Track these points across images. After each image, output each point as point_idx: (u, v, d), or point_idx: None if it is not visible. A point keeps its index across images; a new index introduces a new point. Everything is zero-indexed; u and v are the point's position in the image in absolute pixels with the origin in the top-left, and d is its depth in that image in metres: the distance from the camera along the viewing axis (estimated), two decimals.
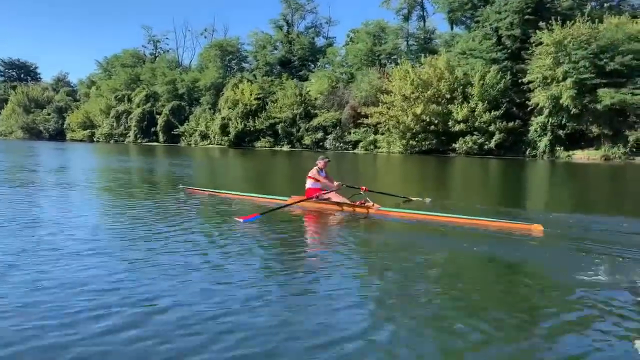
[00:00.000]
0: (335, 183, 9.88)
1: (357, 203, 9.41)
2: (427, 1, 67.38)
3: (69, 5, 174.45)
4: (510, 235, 7.31)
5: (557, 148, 45.76)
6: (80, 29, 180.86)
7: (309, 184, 9.92)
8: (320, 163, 10.00)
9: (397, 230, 7.95)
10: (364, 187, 10.01)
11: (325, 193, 9.66)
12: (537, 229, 7.48)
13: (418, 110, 50.22)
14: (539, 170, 30.85)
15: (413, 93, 51.54)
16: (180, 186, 12.69)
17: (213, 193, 11.45)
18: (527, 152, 47.62)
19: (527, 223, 7.83)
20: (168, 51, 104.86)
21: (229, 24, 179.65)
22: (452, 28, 64.16)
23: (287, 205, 9.34)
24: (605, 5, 55.13)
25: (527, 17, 50.89)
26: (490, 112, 48.02)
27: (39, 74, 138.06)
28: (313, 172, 9.89)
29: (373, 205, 9.20)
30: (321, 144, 63.09)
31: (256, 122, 68.29)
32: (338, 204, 9.53)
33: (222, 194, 11.25)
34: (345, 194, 9.91)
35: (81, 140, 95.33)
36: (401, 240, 7.06)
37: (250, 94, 69.51)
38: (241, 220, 7.91)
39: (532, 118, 47.77)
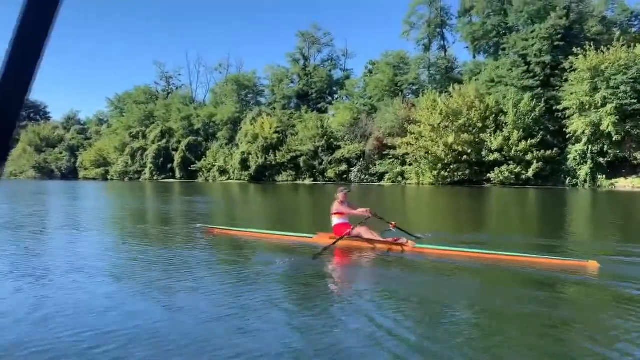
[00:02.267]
0: (361, 209, 8.92)
1: (391, 240, 8.50)
2: (447, 31, 67.01)
3: (76, 42, 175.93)
4: (562, 274, 6.44)
5: (599, 176, 44.09)
6: (89, 66, 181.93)
7: (335, 221, 8.97)
8: (340, 196, 9.12)
9: (434, 271, 6.92)
10: (393, 223, 9.06)
11: (354, 228, 8.65)
12: (593, 266, 6.60)
13: (450, 140, 48.87)
14: (583, 200, 28.96)
15: (442, 122, 50.30)
16: (198, 225, 11.64)
17: (232, 232, 10.41)
18: (567, 181, 45.91)
19: (580, 260, 6.93)
20: (181, 87, 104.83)
21: (243, 58, 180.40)
22: (474, 57, 63.63)
23: (334, 244, 8.36)
24: (633, 30, 54.39)
25: (556, 43, 50.08)
26: (527, 141, 46.52)
27: (48, 112, 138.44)
28: (336, 206, 9.01)
29: (408, 242, 8.32)
30: (345, 176, 61.63)
31: (277, 155, 67.06)
32: (370, 241, 8.60)
33: (241, 233, 10.25)
34: (376, 229, 8.96)
35: (94, 179, 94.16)
36: (439, 283, 6.13)
37: (270, 128, 68.49)
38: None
39: (570, 146, 46.29)
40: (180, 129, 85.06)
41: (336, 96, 78.46)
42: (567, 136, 46.17)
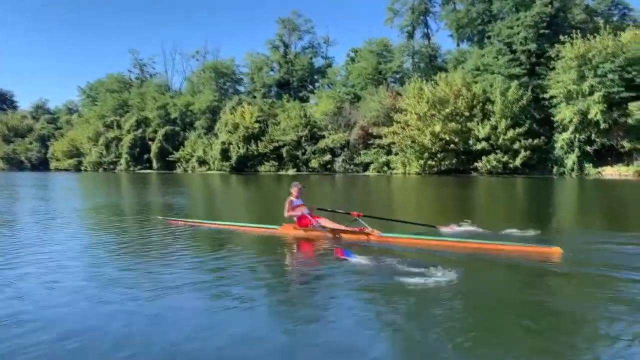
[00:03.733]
0: (305, 209, 8.85)
1: (357, 230, 8.43)
2: (430, 19, 66.25)
3: (44, 30, 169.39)
4: (526, 260, 6.61)
5: (586, 165, 44.07)
6: (58, 54, 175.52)
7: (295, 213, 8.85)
8: (294, 191, 8.95)
9: (399, 259, 6.64)
10: (355, 213, 8.91)
11: (320, 219, 8.66)
12: (556, 252, 6.78)
13: (437, 129, 48.26)
14: (570, 188, 29.00)
15: (429, 111, 49.63)
16: (159, 217, 11.46)
17: (195, 224, 10.28)
18: (555, 170, 45.83)
19: (545, 246, 7.08)
20: (156, 75, 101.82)
21: (221, 46, 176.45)
22: (458, 45, 63.07)
23: (260, 229, 8.93)
24: (614, 19, 54.51)
25: (541, 31, 49.79)
26: (514, 130, 46.19)
27: (15, 101, 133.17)
28: (287, 206, 8.81)
29: (373, 231, 8.27)
30: (329, 166, 60.61)
31: (259, 145, 65.52)
32: (335, 231, 8.56)
33: (204, 224, 10.16)
34: (343, 221, 8.88)
35: (66, 170, 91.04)
36: (405, 271, 5.99)
37: (251, 117, 66.85)
38: (341, 256, 6.75)
39: (557, 134, 46.16)
40: (156, 118, 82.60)
41: (317, 84, 77.16)
42: (555, 125, 45.95)
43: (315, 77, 78.13)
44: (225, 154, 67.76)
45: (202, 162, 73.01)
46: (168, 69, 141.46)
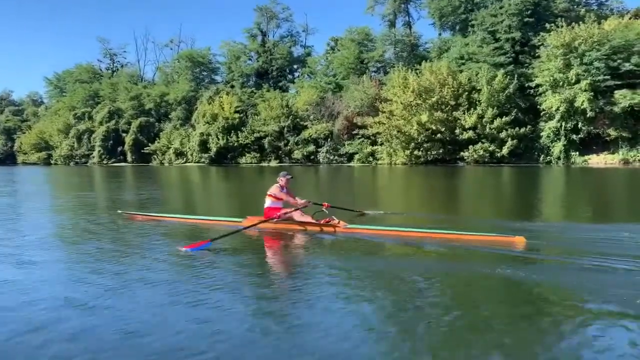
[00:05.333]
0: (300, 201, 8.82)
1: (322, 222, 8.39)
2: (411, 7, 65.53)
3: (4, 16, 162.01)
4: (490, 249, 6.71)
5: (572, 153, 44.22)
6: (20, 42, 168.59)
7: (268, 202, 8.76)
8: (282, 180, 8.91)
9: (366, 250, 6.92)
10: (326, 204, 9.17)
11: (287, 212, 8.56)
12: (519, 241, 6.87)
13: (423, 118, 47.71)
14: (553, 176, 29.02)
15: (414, 100, 49.03)
16: (119, 211, 10.84)
17: (156, 218, 9.92)
18: (541, 159, 45.88)
19: (508, 235, 7.11)
20: (126, 65, 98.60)
21: (195, 34, 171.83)
22: (440, 34, 62.68)
23: (243, 229, 8.03)
24: (596, 7, 54.92)
25: (526, 19, 49.71)
26: (502, 118, 46.00)
27: None
28: (273, 189, 8.78)
29: (339, 222, 8.26)
30: (313, 157, 59.55)
31: (239, 137, 63.91)
32: (301, 223, 8.52)
33: (166, 218, 9.82)
34: (309, 212, 8.86)
35: (35, 164, 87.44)
36: (371, 262, 6.22)
37: (230, 107, 65.12)
38: (187, 249, 6.63)
39: (543, 123, 46.20)
40: (129, 109, 79.96)
41: (297, 74, 75.83)
42: (542, 113, 45.96)
43: (295, 66, 76.76)
44: (204, 146, 65.91)
45: (179, 154, 70.93)
46: (140, 59, 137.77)
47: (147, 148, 74.15)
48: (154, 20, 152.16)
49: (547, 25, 45.39)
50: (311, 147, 59.27)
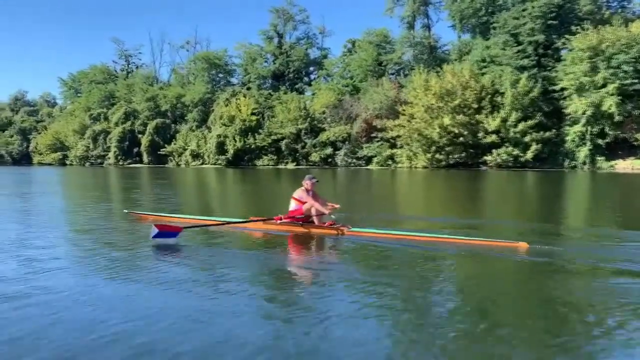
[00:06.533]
0: (326, 205, 8.50)
1: (326, 224, 8.27)
2: (430, 9, 64.92)
3: (20, 18, 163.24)
4: (494, 254, 6.68)
5: (598, 158, 43.42)
6: (34, 43, 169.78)
7: (292, 205, 8.60)
8: (307, 184, 8.63)
9: (370, 254, 6.88)
10: (332, 205, 8.84)
11: (308, 218, 8.42)
12: (522, 246, 6.86)
13: (446, 121, 47.11)
14: (580, 182, 28.38)
15: (436, 103, 48.45)
16: (125, 211, 10.76)
17: (162, 218, 9.78)
18: (566, 163, 45.10)
19: (512, 241, 7.11)
20: (141, 66, 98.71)
21: (211, 36, 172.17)
22: (459, 36, 62.00)
23: (227, 223, 8.20)
24: (620, 10, 53.99)
25: (549, 22, 48.94)
26: (526, 122, 45.31)
27: None
28: (298, 192, 8.59)
29: (344, 225, 8.16)
30: (330, 160, 59.11)
31: (256, 139, 63.61)
32: (305, 225, 8.39)
33: (174, 219, 9.58)
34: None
35: (50, 164, 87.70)
36: (375, 266, 6.20)
37: (247, 109, 64.86)
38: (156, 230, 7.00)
39: (568, 127, 45.42)
40: (145, 110, 79.94)
41: (313, 76, 75.47)
42: (568, 117, 45.18)
43: (311, 68, 76.39)
44: (221, 148, 65.68)
45: (195, 155, 70.74)
46: (156, 60, 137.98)
47: (164, 149, 74.06)
48: (170, 22, 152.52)
49: (573, 28, 44.62)
50: (329, 150, 58.83)
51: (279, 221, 8.35)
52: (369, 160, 56.26)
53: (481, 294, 4.92)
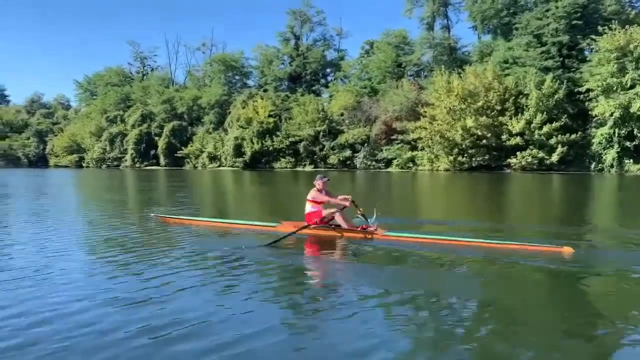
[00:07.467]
0: (340, 196, 8.52)
1: (359, 228, 8.21)
2: (449, 10, 64.29)
3: (35, 21, 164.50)
4: (537, 260, 6.36)
5: (626, 161, 42.47)
6: (49, 45, 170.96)
7: (308, 208, 8.53)
8: (318, 183, 8.62)
9: (404, 259, 6.72)
10: (361, 209, 8.62)
11: (328, 215, 8.28)
12: (567, 251, 6.65)
13: (469, 123, 46.41)
14: (607, 185, 27.62)
15: (459, 104, 47.78)
16: (152, 215, 10.67)
17: (189, 222, 9.72)
18: (592, 166, 44.21)
19: (556, 246, 6.89)
20: (157, 68, 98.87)
21: (227, 38, 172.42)
22: (479, 37, 61.32)
23: (283, 238, 7.62)
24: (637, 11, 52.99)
25: (574, 22, 48.09)
26: (551, 124, 44.51)
27: (7, 95, 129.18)
28: (312, 194, 8.53)
29: (377, 229, 8.04)
30: (349, 162, 58.60)
31: (274, 141, 63.28)
32: (337, 229, 8.28)
33: (200, 222, 9.58)
34: (349, 215, 8.54)
35: (66, 166, 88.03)
36: (408, 272, 6.06)
37: (265, 111, 64.57)
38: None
39: (594, 129, 44.53)
40: (161, 112, 80.00)
41: (330, 78, 75.07)
42: (594, 119, 44.28)
43: (328, 70, 76.00)
44: (238, 150, 65.38)
45: (212, 158, 70.58)
46: (171, 62, 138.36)
47: (180, 152, 74.00)
48: (185, 24, 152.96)
49: (599, 29, 43.75)
50: (347, 152, 58.34)
51: (312, 225, 8.25)
52: (388, 162, 55.69)
53: (520, 303, 4.77)
